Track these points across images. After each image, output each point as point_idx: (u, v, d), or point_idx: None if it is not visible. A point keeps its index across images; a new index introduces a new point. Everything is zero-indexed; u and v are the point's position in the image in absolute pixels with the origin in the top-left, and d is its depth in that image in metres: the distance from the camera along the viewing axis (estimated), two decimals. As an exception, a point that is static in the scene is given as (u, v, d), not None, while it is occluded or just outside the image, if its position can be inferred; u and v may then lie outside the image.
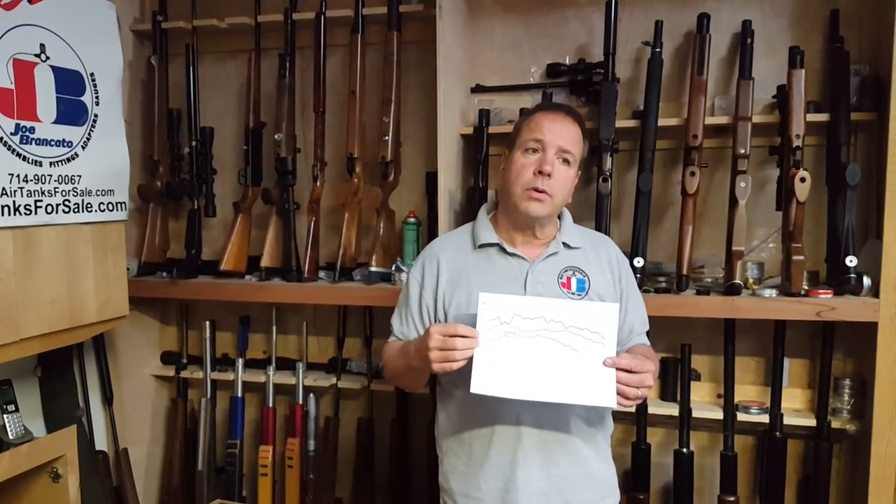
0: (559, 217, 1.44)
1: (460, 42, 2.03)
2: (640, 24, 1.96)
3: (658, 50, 1.88)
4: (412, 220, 2.10)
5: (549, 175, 1.31)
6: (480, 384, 1.22)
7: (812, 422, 1.87)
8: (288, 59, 2.14)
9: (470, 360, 1.23)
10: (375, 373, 2.22)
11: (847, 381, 1.86)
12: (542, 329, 1.25)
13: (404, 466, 2.20)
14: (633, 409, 1.95)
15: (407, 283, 1.47)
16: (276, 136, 2.13)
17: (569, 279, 1.38)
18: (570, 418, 1.35)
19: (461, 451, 1.40)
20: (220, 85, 2.36)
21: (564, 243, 1.41)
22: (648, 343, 1.50)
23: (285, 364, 2.32)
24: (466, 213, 1.97)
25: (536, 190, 1.32)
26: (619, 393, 1.23)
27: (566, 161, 1.34)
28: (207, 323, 2.34)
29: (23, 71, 1.65)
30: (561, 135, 1.34)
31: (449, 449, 1.43)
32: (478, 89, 2.10)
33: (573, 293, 1.37)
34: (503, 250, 1.39)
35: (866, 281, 1.69)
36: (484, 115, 1.98)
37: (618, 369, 1.24)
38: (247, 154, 2.21)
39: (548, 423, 1.34)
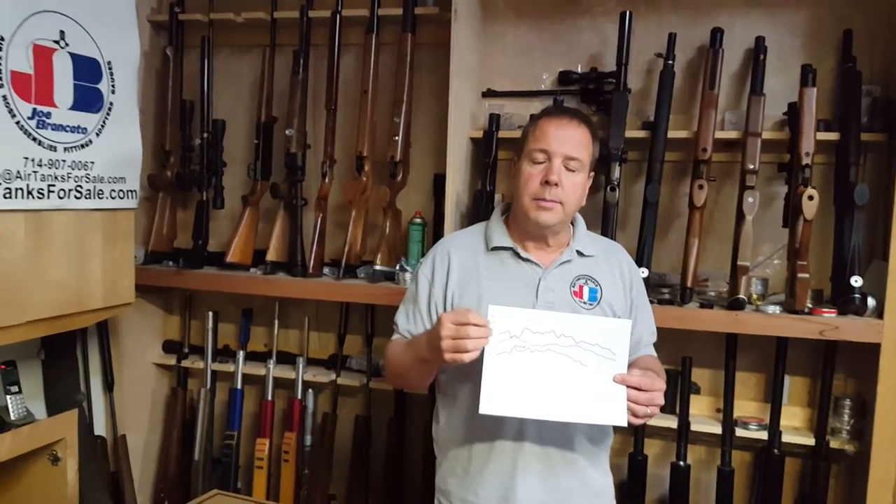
0: (572, 223, 1.42)
1: (474, 46, 2.04)
2: (654, 36, 1.96)
3: (671, 62, 1.88)
4: (418, 220, 2.11)
5: (555, 184, 1.30)
6: (490, 404, 1.19)
7: (811, 440, 1.87)
8: (302, 55, 2.16)
9: (478, 364, 1.19)
10: (375, 371, 2.22)
11: (847, 402, 1.85)
12: (552, 343, 1.21)
13: (400, 466, 2.20)
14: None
15: (416, 280, 1.44)
16: (287, 132, 2.14)
17: (581, 288, 1.36)
18: (573, 434, 1.34)
19: (461, 455, 1.38)
20: (233, 78, 2.38)
21: (578, 251, 1.39)
22: (655, 354, 1.48)
23: (286, 358, 2.32)
24: (473, 216, 1.98)
25: (544, 200, 1.31)
26: (629, 411, 1.21)
27: (573, 168, 1.32)
28: (210, 314, 2.35)
29: (42, 56, 1.67)
30: (566, 141, 1.31)
31: (448, 452, 1.41)
32: (489, 93, 2.11)
33: (585, 302, 1.35)
34: (516, 255, 1.38)
35: (871, 301, 1.69)
36: (494, 119, 1.99)
37: (628, 387, 1.22)
38: (257, 148, 2.23)
39: (550, 436, 1.33)
